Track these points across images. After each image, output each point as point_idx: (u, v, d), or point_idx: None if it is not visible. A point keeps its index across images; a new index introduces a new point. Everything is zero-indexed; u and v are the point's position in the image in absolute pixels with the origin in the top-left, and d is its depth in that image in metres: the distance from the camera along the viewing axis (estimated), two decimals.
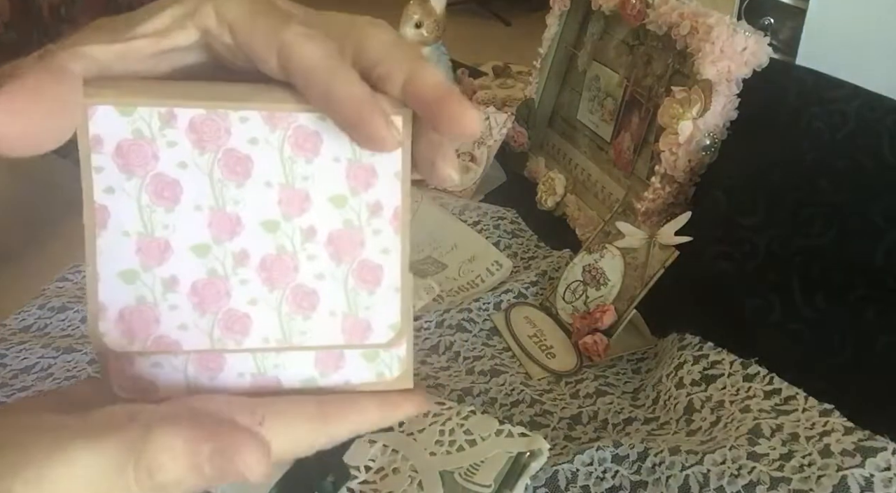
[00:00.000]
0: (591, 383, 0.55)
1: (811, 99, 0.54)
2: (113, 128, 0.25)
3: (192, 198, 0.26)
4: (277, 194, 0.26)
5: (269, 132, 0.26)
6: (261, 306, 0.27)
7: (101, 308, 0.26)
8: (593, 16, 0.78)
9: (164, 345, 0.26)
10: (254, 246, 0.27)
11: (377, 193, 0.27)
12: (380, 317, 0.28)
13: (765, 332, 0.51)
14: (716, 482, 0.41)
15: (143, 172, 0.25)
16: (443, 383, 0.54)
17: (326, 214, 0.27)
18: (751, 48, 0.58)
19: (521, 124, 0.85)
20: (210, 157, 0.26)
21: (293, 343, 0.27)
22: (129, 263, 0.26)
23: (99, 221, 0.25)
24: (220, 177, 0.26)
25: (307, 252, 0.27)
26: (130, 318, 0.26)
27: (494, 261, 0.69)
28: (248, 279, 0.27)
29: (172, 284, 0.26)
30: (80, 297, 0.68)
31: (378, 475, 0.44)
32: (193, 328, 0.26)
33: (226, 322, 0.27)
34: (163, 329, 0.26)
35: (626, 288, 0.58)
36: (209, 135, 0.26)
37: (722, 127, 0.60)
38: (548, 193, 0.78)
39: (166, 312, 0.26)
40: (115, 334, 0.26)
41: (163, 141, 0.25)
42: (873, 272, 0.47)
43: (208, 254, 0.26)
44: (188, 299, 0.26)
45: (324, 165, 0.26)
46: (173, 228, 0.26)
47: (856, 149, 0.50)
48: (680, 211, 0.59)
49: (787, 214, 0.52)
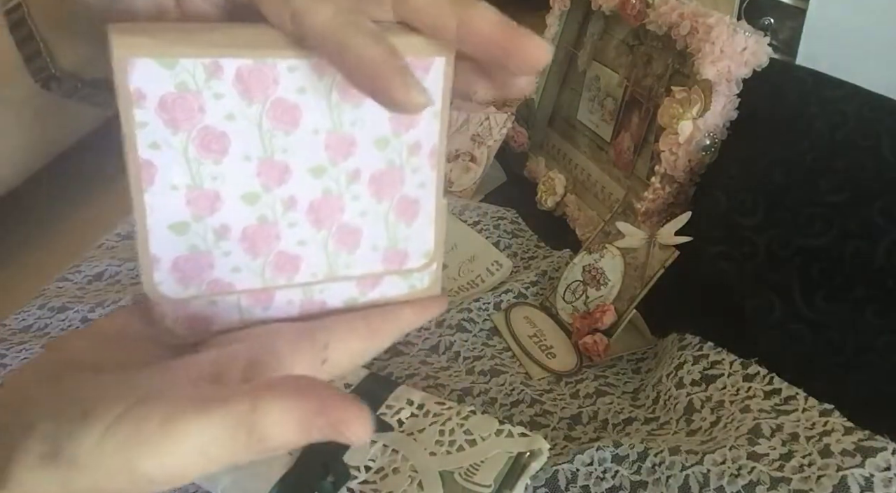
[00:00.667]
0: (591, 383, 0.55)
1: (811, 99, 0.54)
2: (155, 81, 0.24)
3: (241, 149, 0.26)
4: (325, 140, 0.27)
5: (317, 80, 0.26)
6: (309, 246, 0.28)
7: (155, 260, 0.26)
8: (593, 16, 0.78)
9: (218, 288, 0.27)
10: (302, 191, 0.27)
11: (417, 133, 0.28)
12: (416, 246, 0.30)
13: (765, 332, 0.51)
14: (716, 482, 0.41)
15: (190, 126, 0.25)
16: (443, 383, 0.54)
17: (370, 157, 0.28)
18: (751, 48, 0.58)
19: (521, 124, 0.85)
20: (258, 108, 0.25)
21: (338, 275, 0.29)
22: (180, 215, 0.26)
23: (145, 177, 0.25)
24: (268, 127, 0.26)
25: (352, 193, 0.28)
26: (185, 266, 0.26)
27: (494, 261, 0.69)
28: (296, 222, 0.27)
29: (224, 232, 0.27)
30: (81, 297, 0.68)
31: (378, 475, 0.44)
32: (246, 270, 0.27)
33: (276, 263, 0.28)
34: (216, 274, 0.27)
35: (626, 288, 0.58)
36: (257, 86, 0.25)
37: (722, 127, 0.60)
38: (548, 193, 0.78)
39: (219, 258, 0.27)
40: (170, 282, 0.26)
41: (209, 93, 0.25)
42: (873, 272, 0.47)
43: (258, 202, 0.27)
44: (239, 244, 0.27)
45: (369, 109, 0.27)
46: (222, 179, 0.26)
47: (856, 149, 0.50)
48: (680, 211, 0.59)
49: (787, 214, 0.52)
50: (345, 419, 0.22)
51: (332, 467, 0.44)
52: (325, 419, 0.22)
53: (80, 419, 0.22)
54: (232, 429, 0.22)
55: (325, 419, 0.22)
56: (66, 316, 0.66)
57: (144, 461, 0.21)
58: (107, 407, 0.22)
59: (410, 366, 0.56)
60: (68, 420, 0.22)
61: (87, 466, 0.21)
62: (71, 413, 0.22)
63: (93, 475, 0.21)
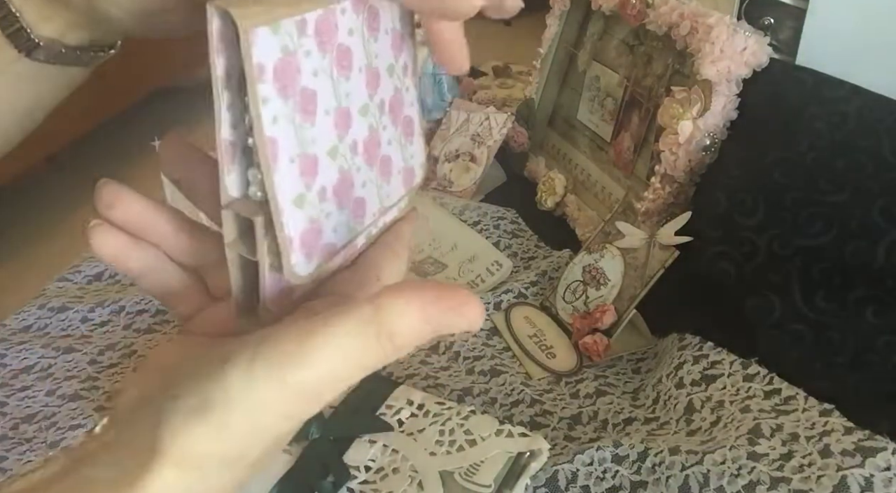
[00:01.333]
0: (591, 383, 0.55)
1: (811, 99, 0.54)
2: (269, 50, 0.23)
3: (323, 104, 0.25)
4: (365, 78, 0.27)
5: (356, 20, 0.26)
6: (368, 186, 0.28)
7: (289, 241, 0.25)
8: (593, 16, 0.78)
9: (327, 253, 0.27)
10: (359, 133, 0.27)
11: (405, 56, 0.30)
12: (417, 160, 0.32)
13: (765, 332, 0.51)
14: (716, 482, 0.41)
15: (293, 91, 0.24)
16: (443, 383, 0.54)
17: (385, 85, 0.28)
18: (751, 48, 0.58)
19: (521, 124, 0.85)
20: (329, 58, 0.25)
21: (383, 208, 0.30)
22: (298, 187, 0.25)
23: (271, 155, 0.23)
24: (336, 76, 0.26)
25: (382, 123, 0.29)
26: (307, 240, 0.26)
27: (494, 261, 0.69)
28: (360, 166, 0.28)
29: (323, 194, 0.26)
30: (81, 297, 0.68)
31: (378, 475, 0.44)
32: (341, 227, 0.27)
33: (354, 211, 0.28)
34: (325, 239, 0.26)
35: (626, 288, 0.58)
36: (326, 35, 0.25)
37: (722, 127, 0.60)
38: (548, 193, 0.78)
39: (324, 221, 0.26)
40: (301, 261, 0.25)
41: (301, 52, 0.24)
42: (873, 272, 0.47)
43: (337, 154, 0.27)
44: (333, 202, 0.27)
45: (382, 40, 0.28)
46: (315, 140, 0.25)
47: (856, 149, 0.50)
48: (680, 211, 0.59)
49: (787, 214, 0.52)
50: (463, 301, 0.24)
51: (332, 467, 0.44)
52: (445, 304, 0.23)
53: (219, 365, 0.23)
54: (362, 331, 0.23)
55: (444, 304, 0.23)
56: (66, 316, 0.66)
57: (293, 374, 0.22)
58: (243, 346, 0.23)
59: (410, 366, 0.57)
60: (208, 372, 0.23)
61: (238, 400, 0.22)
62: (209, 367, 0.23)
63: (246, 409, 0.22)
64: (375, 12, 0.27)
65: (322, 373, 0.23)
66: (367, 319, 0.23)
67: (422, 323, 0.23)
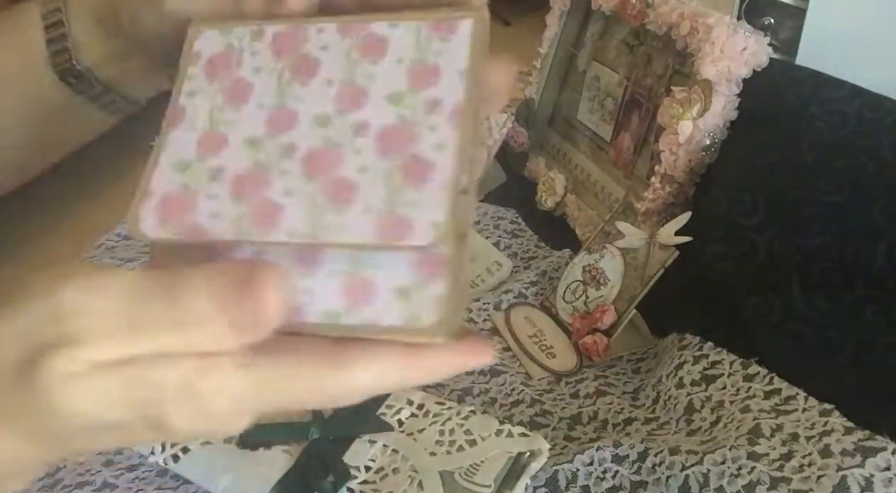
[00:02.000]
0: (591, 383, 0.55)
1: (811, 99, 0.54)
2: (211, 44, 0.29)
3: (259, 97, 0.29)
4: (336, 91, 0.28)
5: (339, 40, 0.29)
6: (295, 196, 0.27)
7: (148, 195, 0.28)
8: (593, 16, 0.78)
9: (191, 232, 0.27)
10: (303, 139, 0.28)
11: (437, 90, 0.27)
12: (424, 215, 0.25)
13: (765, 332, 0.51)
14: (716, 482, 0.41)
15: (224, 77, 0.29)
16: (443, 383, 0.54)
17: (381, 110, 0.28)
18: (751, 48, 0.58)
19: (521, 124, 0.85)
20: (284, 62, 0.29)
21: (318, 238, 0.26)
22: (188, 154, 0.28)
23: (175, 119, 0.29)
24: (287, 78, 0.29)
25: (355, 146, 0.27)
26: (169, 204, 0.28)
27: (494, 261, 0.69)
28: (289, 170, 0.27)
29: (218, 173, 0.28)
30: None
31: (378, 475, 0.44)
32: (224, 218, 0.27)
33: (255, 213, 0.27)
34: (195, 217, 0.27)
35: (626, 288, 0.58)
36: (287, 45, 0.29)
37: (722, 127, 0.60)
38: (548, 193, 0.78)
39: (204, 200, 0.27)
40: (151, 220, 0.28)
41: (248, 51, 0.29)
42: (873, 272, 0.47)
43: (258, 146, 0.28)
44: (227, 187, 0.28)
45: (387, 65, 0.28)
46: (234, 124, 0.28)
47: (856, 149, 0.50)
48: (680, 211, 0.59)
49: (787, 214, 0.52)
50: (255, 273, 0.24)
51: (332, 467, 0.44)
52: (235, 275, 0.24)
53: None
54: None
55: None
56: None
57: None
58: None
59: None
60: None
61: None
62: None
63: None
64: (381, 40, 0.28)
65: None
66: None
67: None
